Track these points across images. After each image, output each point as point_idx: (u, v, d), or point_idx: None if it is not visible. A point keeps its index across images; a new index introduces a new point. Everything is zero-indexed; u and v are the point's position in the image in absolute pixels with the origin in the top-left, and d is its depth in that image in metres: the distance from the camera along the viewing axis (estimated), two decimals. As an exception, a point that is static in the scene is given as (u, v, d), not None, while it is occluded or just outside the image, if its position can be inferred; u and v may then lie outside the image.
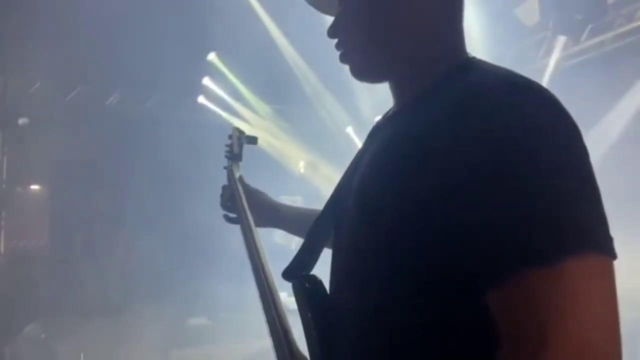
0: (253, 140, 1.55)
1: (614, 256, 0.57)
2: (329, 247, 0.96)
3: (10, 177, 5.93)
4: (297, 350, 0.89)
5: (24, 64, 5.50)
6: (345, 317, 0.79)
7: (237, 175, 1.42)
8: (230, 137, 1.54)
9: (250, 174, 1.50)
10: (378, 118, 0.95)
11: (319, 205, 1.06)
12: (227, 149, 1.52)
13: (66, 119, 5.78)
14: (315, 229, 0.97)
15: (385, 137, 0.81)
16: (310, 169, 5.38)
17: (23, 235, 6.14)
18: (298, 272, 0.92)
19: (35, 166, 5.99)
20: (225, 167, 1.48)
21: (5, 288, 5.22)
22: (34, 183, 6.42)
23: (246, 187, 1.38)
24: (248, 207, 1.29)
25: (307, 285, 0.88)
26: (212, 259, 5.70)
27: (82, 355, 4.62)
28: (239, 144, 1.51)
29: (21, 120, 5.57)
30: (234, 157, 1.48)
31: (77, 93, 6.25)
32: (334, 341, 0.81)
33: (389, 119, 0.86)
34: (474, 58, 0.80)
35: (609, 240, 0.58)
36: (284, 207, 1.38)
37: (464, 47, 0.82)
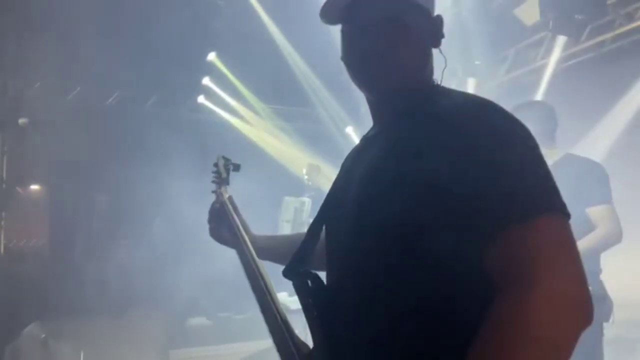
0: (237, 167, 1.72)
1: (568, 216, 0.79)
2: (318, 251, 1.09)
3: (10, 177, 5.93)
4: (298, 338, 1.02)
5: (24, 64, 5.50)
6: (346, 304, 0.90)
7: (226, 196, 1.57)
8: (215, 165, 1.70)
9: (251, 173, 1.53)
10: None
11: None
12: (214, 175, 1.68)
13: (66, 119, 5.77)
14: (312, 230, 1.10)
15: (378, 148, 0.97)
16: (314, 171, 5.37)
17: (23, 235, 6.14)
18: (297, 270, 1.02)
19: (35, 166, 5.99)
20: (213, 191, 1.64)
21: (5, 288, 5.21)
22: (34, 183, 6.41)
23: (235, 208, 1.53)
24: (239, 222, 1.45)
25: (307, 281, 0.97)
26: (212, 259, 5.70)
27: (82, 355, 4.62)
28: (226, 170, 1.68)
29: (21, 120, 5.57)
30: (222, 181, 1.64)
31: (77, 93, 6.25)
32: (335, 328, 0.91)
33: (375, 136, 1.05)
34: (439, 85, 1.04)
35: (564, 204, 0.80)
36: (256, 236, 1.48)
37: (432, 78, 1.06)
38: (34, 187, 6.45)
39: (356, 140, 7.22)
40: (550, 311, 0.69)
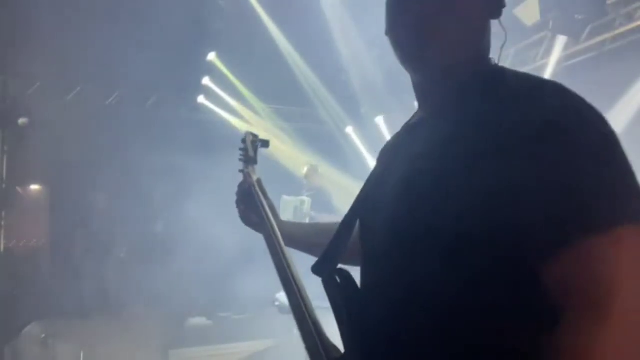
0: (266, 143, 1.60)
1: None
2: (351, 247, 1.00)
3: (10, 177, 5.93)
4: (328, 339, 0.93)
5: (24, 64, 5.50)
6: (383, 308, 0.82)
7: (254, 178, 1.45)
8: (243, 141, 1.57)
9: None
10: (378, 118, 0.99)
11: (322, 205, 1.10)
12: (242, 152, 1.55)
13: (66, 119, 5.77)
14: (343, 227, 1.00)
15: (426, 138, 0.85)
16: (313, 172, 5.37)
17: (23, 235, 6.13)
18: (327, 267, 0.94)
19: (35, 166, 5.98)
20: (240, 170, 1.51)
21: (6, 288, 5.21)
22: (34, 183, 6.41)
23: (263, 191, 1.42)
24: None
25: (338, 279, 0.91)
26: (212, 258, 5.69)
27: (82, 355, 4.62)
28: (253, 148, 1.54)
29: (21, 120, 5.57)
30: (249, 160, 1.52)
31: (77, 93, 6.25)
32: (370, 332, 0.83)
33: (421, 124, 0.91)
34: (497, 65, 0.89)
35: None
36: (283, 222, 1.39)
37: (489, 56, 0.91)
38: (34, 187, 6.45)
39: (356, 140, 7.23)
40: (627, 347, 0.57)
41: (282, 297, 3.83)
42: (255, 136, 1.58)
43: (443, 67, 0.85)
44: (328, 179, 6.04)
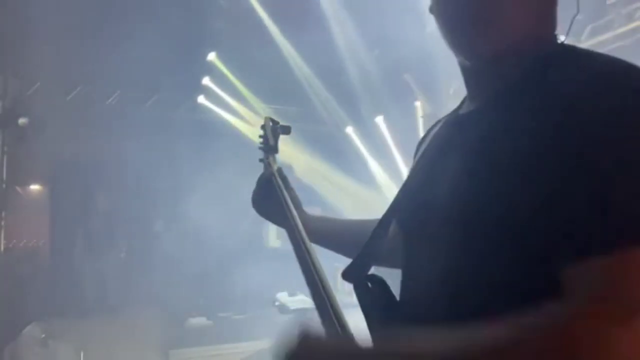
0: (287, 129, 1.47)
1: None
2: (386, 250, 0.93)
3: (10, 177, 5.93)
4: None
5: (24, 64, 5.50)
6: (425, 313, 0.75)
7: (275, 167, 1.33)
8: (263, 127, 1.46)
9: (251, 174, 1.48)
10: (378, 118, 0.91)
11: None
12: (262, 140, 1.44)
13: (66, 119, 5.78)
14: (380, 229, 0.92)
15: (482, 132, 0.75)
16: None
17: (23, 235, 6.13)
18: (359, 273, 0.89)
19: (35, 166, 5.99)
20: (260, 160, 1.41)
21: (5, 288, 5.21)
22: (34, 183, 6.41)
23: (285, 181, 1.29)
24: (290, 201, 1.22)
25: (370, 285, 0.85)
26: (212, 258, 5.70)
27: (82, 355, 4.62)
28: (274, 135, 1.43)
29: (21, 120, 5.57)
30: (269, 148, 1.41)
31: (78, 93, 6.25)
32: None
33: (474, 116, 0.81)
34: (564, 44, 0.78)
35: None
36: (308, 215, 1.26)
37: (555, 34, 0.80)
38: (34, 187, 6.45)
39: (356, 140, 7.23)
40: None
41: (282, 297, 3.82)
42: (275, 122, 1.45)
43: (500, 53, 0.75)
44: (324, 177, 6.04)
